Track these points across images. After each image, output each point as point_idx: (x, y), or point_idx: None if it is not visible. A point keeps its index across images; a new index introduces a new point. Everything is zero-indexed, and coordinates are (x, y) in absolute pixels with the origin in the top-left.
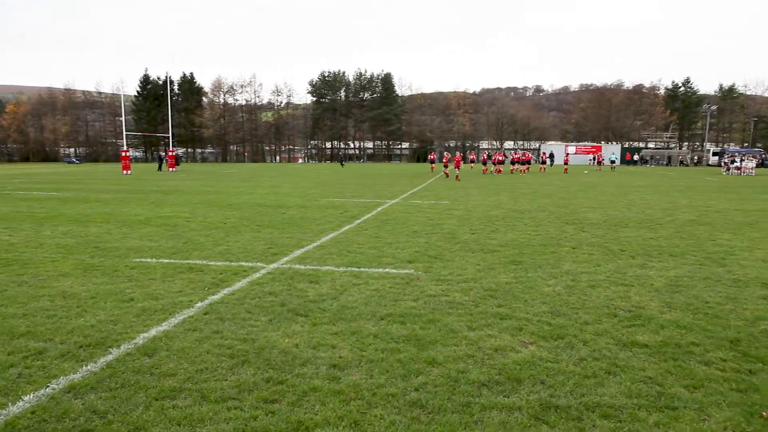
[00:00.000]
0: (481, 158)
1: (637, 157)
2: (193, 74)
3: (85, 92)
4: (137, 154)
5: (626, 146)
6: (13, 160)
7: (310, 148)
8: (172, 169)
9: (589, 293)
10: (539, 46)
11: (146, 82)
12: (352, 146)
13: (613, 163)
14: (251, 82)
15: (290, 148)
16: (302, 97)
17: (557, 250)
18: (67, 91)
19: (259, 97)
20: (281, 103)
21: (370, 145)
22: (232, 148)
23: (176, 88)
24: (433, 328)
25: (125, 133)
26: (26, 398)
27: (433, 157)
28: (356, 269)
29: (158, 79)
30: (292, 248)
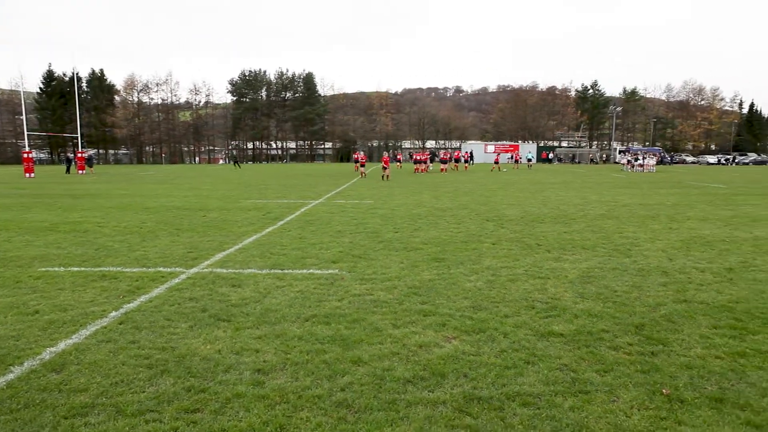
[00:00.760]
0: (413, 158)
1: (552, 155)
2: (103, 71)
3: None
4: (42, 155)
5: (542, 145)
6: None
7: (231, 148)
8: (81, 171)
9: (508, 287)
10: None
11: (50, 78)
12: (274, 146)
13: (529, 161)
14: (167, 80)
15: (210, 148)
16: (222, 96)
17: (478, 246)
18: None
19: (176, 96)
20: (200, 102)
21: (293, 145)
22: (147, 149)
23: (84, 85)
24: (358, 327)
25: (27, 132)
26: None
27: (357, 156)
28: (280, 271)
29: (64, 75)
30: (213, 252)
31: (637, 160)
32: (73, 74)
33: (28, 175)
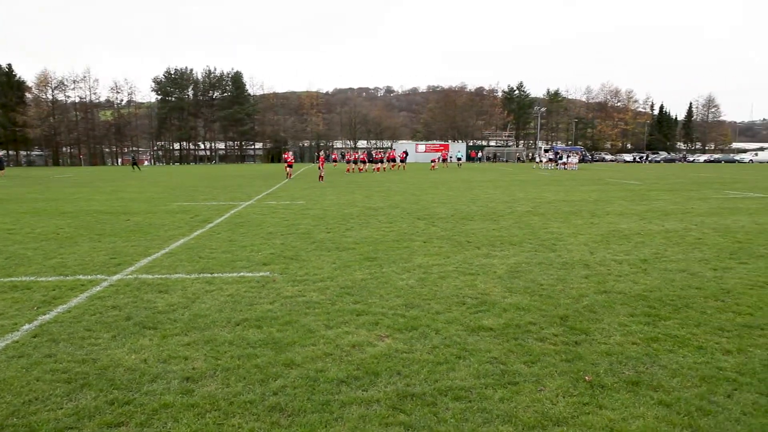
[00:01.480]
0: (349, 158)
1: (481, 154)
2: (11, 66)
3: None
4: None
5: (471, 144)
6: None
7: (156, 149)
8: None
9: (439, 284)
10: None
11: None
12: (202, 147)
13: (459, 160)
14: (85, 77)
15: (134, 149)
16: (146, 95)
17: (410, 244)
18: None
19: (95, 94)
20: (122, 101)
21: (222, 145)
22: (64, 150)
23: None
24: (290, 329)
25: None
26: None
27: (287, 157)
28: (209, 275)
29: None
30: (137, 257)
31: (561, 158)
32: None
33: None
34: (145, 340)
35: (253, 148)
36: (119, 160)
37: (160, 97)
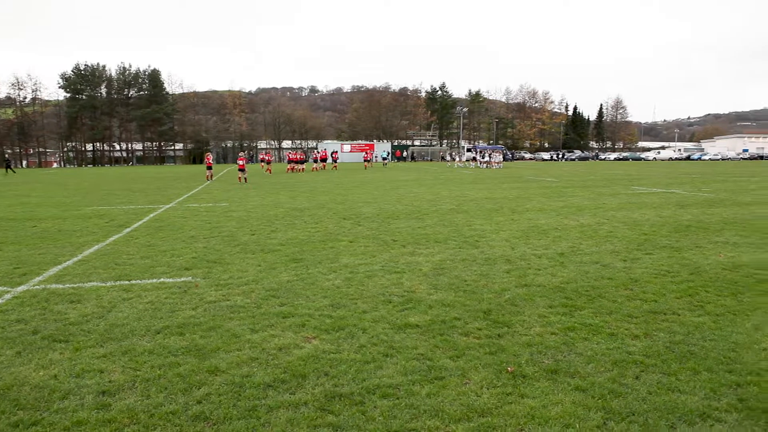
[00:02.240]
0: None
1: (406, 153)
2: None
3: None
4: None
5: (396, 144)
6: None
7: (67, 150)
8: None
9: (366, 283)
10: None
11: None
12: (118, 148)
13: (384, 159)
14: None
15: (41, 151)
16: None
17: (336, 244)
18: None
19: None
20: (25, 98)
21: (139, 146)
22: None
23: None
24: (214, 335)
25: None
26: None
27: (208, 158)
28: (126, 282)
29: None
30: (46, 266)
31: (484, 157)
32: None
33: None
34: (55, 354)
35: (173, 149)
36: (24, 162)
37: (69, 94)
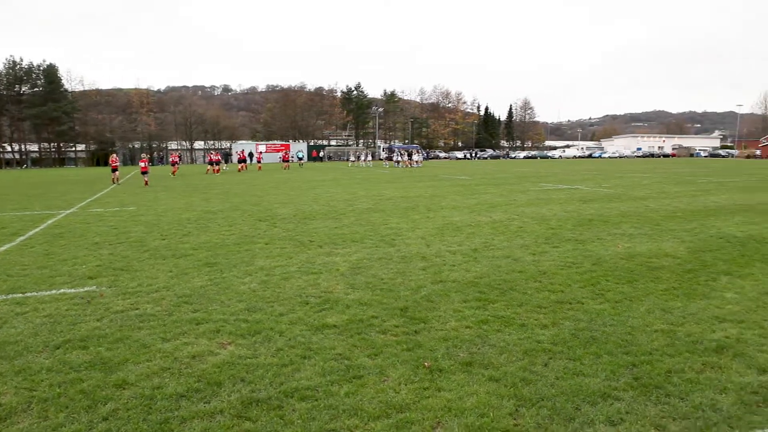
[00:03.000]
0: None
1: (323, 153)
2: None
3: None
4: None
5: (312, 144)
6: None
7: None
8: None
9: (282, 285)
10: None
11: None
12: (9, 150)
13: (300, 159)
14: None
15: None
16: None
17: (251, 247)
18: None
19: None
20: None
21: (35, 147)
22: None
23: None
24: (121, 346)
25: None
26: None
27: (113, 161)
28: (20, 295)
29: None
30: None
31: (403, 156)
32: None
33: None
34: None
35: (74, 150)
36: None
37: None
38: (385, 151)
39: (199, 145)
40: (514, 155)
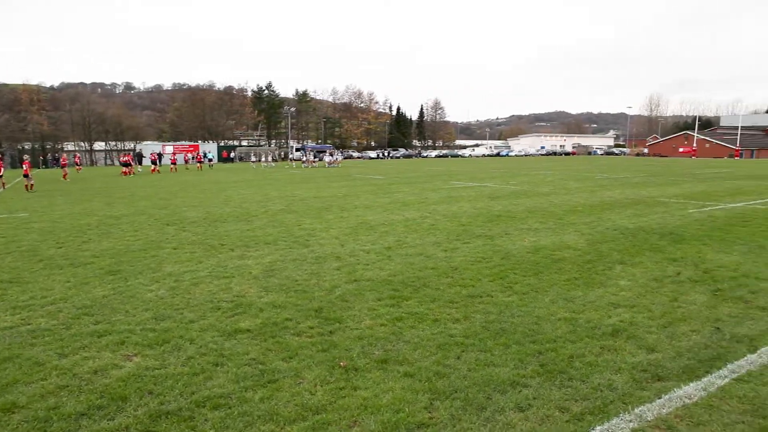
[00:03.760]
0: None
1: (233, 154)
2: None
3: None
4: None
5: (222, 144)
6: None
7: None
8: None
9: (192, 291)
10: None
11: None
12: None
13: (210, 161)
14: None
15: None
16: None
17: (158, 252)
18: None
19: None
20: None
21: None
22: None
23: None
24: (10, 366)
25: None
26: None
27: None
28: None
29: None
30: None
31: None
32: None
33: None
34: None
35: None
36: None
37: None
38: (300, 151)
39: (100, 146)
40: (426, 154)
